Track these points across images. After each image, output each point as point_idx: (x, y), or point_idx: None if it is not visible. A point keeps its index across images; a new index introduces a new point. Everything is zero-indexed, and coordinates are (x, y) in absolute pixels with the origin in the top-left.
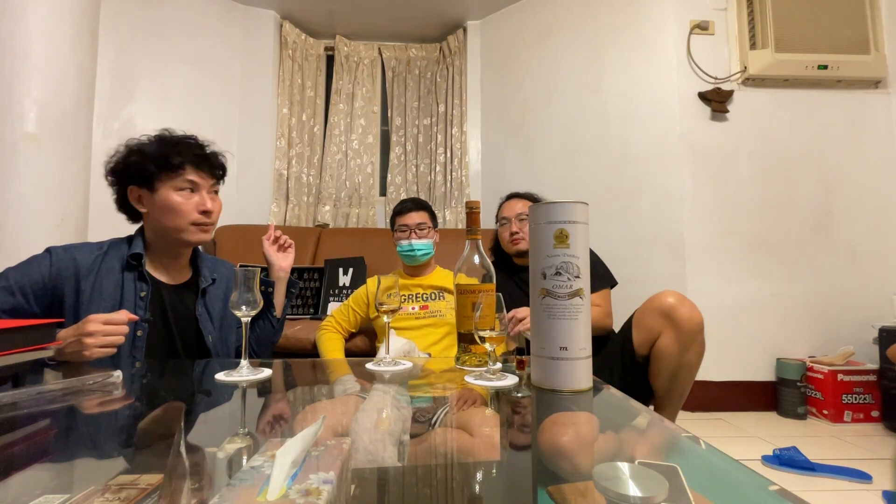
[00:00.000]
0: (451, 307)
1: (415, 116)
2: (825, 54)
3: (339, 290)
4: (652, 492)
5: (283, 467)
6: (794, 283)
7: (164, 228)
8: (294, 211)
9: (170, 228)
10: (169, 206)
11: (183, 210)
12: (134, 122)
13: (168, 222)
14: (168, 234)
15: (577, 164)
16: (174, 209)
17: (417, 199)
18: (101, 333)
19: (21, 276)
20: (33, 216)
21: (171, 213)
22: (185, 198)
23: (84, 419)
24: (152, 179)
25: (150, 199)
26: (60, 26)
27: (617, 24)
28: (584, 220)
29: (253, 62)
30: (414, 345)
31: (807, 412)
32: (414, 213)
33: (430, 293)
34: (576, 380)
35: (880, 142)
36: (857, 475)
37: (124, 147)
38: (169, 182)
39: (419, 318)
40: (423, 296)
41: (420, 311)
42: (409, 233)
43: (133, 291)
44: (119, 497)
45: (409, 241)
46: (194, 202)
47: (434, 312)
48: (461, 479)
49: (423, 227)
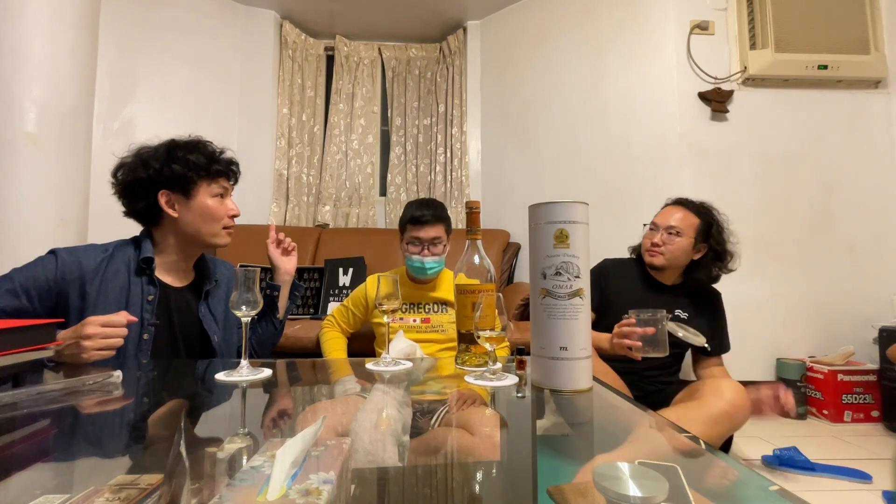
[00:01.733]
0: (452, 322)
1: (415, 116)
2: (825, 54)
3: (339, 290)
4: (652, 492)
5: (283, 467)
6: (794, 283)
7: (198, 232)
8: (294, 211)
9: (204, 233)
10: (207, 212)
11: (219, 215)
12: (134, 123)
13: (204, 227)
14: (200, 237)
15: (577, 164)
16: (211, 214)
17: (436, 206)
18: (99, 336)
19: (26, 278)
20: (33, 216)
21: (209, 218)
22: (219, 203)
23: (84, 419)
24: (190, 185)
25: (186, 204)
26: (60, 26)
27: (617, 24)
28: (584, 220)
29: (253, 62)
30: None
31: (807, 412)
32: (430, 227)
33: (434, 305)
34: (576, 380)
35: (880, 142)
36: (857, 475)
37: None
38: (206, 189)
39: (420, 332)
40: (426, 307)
41: (422, 325)
42: (421, 248)
43: (140, 295)
44: (119, 497)
45: (420, 259)
46: (226, 207)
47: (436, 327)
48: (461, 478)
49: (438, 243)
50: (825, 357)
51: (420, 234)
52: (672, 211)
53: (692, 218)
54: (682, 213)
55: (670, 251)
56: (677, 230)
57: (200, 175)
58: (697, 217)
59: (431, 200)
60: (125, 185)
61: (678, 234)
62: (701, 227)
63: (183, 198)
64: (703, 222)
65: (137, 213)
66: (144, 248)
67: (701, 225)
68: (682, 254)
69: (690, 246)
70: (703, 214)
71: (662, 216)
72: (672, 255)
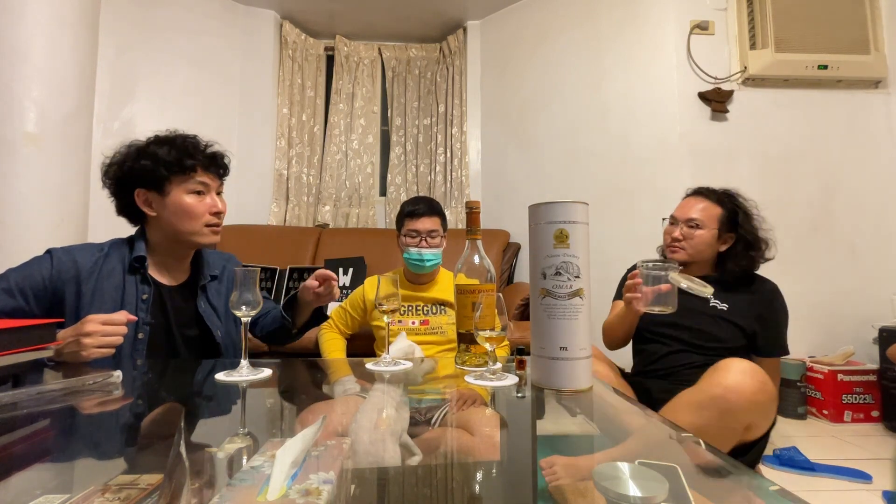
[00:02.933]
0: (451, 323)
1: (415, 116)
2: (825, 54)
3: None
4: (652, 492)
5: (283, 467)
6: (793, 282)
7: (177, 231)
8: (294, 211)
9: (183, 231)
10: (182, 209)
11: (197, 212)
12: (134, 123)
13: (182, 226)
14: (181, 237)
15: (577, 164)
16: (188, 212)
17: (430, 201)
18: (100, 334)
19: (22, 277)
20: (33, 216)
21: (185, 216)
22: (198, 200)
23: (84, 419)
24: (163, 182)
25: (161, 202)
26: (60, 26)
27: (617, 24)
28: (584, 220)
29: (253, 62)
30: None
31: (807, 412)
32: (427, 218)
33: (432, 307)
34: (576, 380)
35: (880, 142)
36: (857, 475)
37: (126, 149)
38: (181, 185)
39: (419, 335)
40: (424, 309)
41: (420, 327)
42: (419, 240)
43: (134, 294)
44: (119, 497)
45: (418, 251)
46: (206, 204)
47: (435, 329)
48: (461, 478)
49: (435, 235)
50: (825, 357)
51: (417, 226)
52: (692, 203)
53: (714, 208)
54: (703, 203)
55: (692, 245)
56: (697, 222)
57: (172, 171)
58: (719, 206)
59: (425, 196)
60: (108, 183)
61: (698, 226)
62: (724, 217)
63: (158, 195)
64: (727, 211)
65: (124, 212)
66: (137, 247)
67: (724, 214)
68: (706, 247)
69: (714, 237)
70: (725, 203)
71: (681, 209)
72: (695, 249)
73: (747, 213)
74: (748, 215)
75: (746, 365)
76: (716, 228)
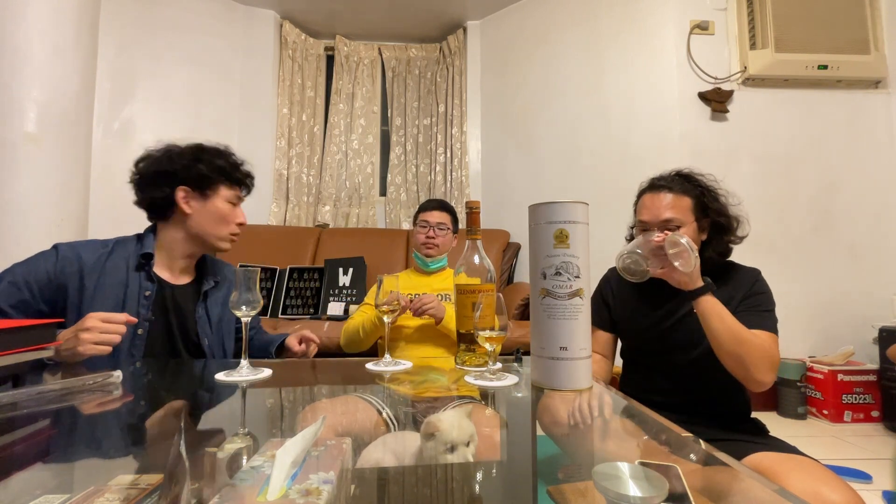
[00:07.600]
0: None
1: (415, 116)
2: (825, 54)
3: (339, 290)
4: (652, 492)
5: (283, 467)
6: (793, 282)
7: (205, 233)
8: (294, 211)
9: (211, 234)
10: (219, 214)
11: (230, 220)
12: (134, 122)
13: (213, 229)
14: (207, 238)
15: (577, 164)
16: (224, 217)
17: (444, 201)
18: (98, 330)
19: (27, 271)
20: (33, 216)
21: (220, 221)
22: (231, 209)
23: (84, 419)
24: (210, 186)
25: (201, 203)
26: (60, 26)
27: (617, 24)
28: (584, 220)
29: (253, 62)
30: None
31: (807, 412)
32: (436, 211)
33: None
34: (576, 380)
35: (880, 142)
36: (857, 475)
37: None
38: (224, 193)
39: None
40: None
41: None
42: (428, 229)
43: (137, 290)
44: (119, 497)
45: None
46: (236, 214)
47: None
48: (461, 478)
49: (443, 228)
50: (825, 357)
51: (427, 217)
52: (656, 201)
53: (682, 199)
54: (668, 197)
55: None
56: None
57: (222, 179)
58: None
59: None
60: (147, 174)
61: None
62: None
63: (200, 197)
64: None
65: (150, 205)
66: (146, 243)
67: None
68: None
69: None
70: (689, 190)
71: (650, 210)
72: None
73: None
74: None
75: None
76: (694, 221)
